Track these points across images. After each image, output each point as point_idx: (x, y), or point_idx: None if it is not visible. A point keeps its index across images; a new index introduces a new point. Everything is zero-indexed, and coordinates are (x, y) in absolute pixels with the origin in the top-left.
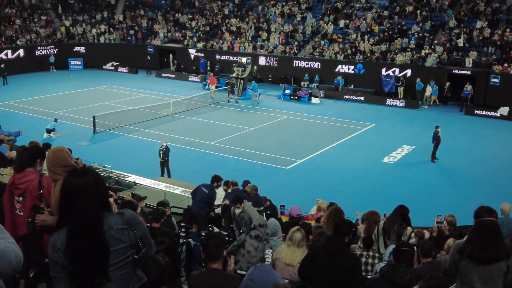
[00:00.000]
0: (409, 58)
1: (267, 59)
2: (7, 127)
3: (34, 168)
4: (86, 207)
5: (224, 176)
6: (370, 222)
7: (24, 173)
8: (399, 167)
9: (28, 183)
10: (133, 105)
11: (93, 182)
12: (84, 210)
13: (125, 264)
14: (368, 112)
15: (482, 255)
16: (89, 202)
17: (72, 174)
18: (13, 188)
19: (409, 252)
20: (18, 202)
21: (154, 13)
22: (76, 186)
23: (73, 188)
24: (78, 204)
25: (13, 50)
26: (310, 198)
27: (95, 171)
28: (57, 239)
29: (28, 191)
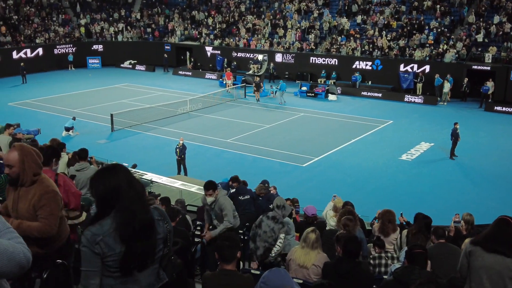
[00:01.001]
0: (427, 54)
1: (283, 56)
2: (26, 125)
3: (50, 167)
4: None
5: (241, 174)
6: (384, 220)
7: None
8: (417, 164)
9: None
10: (150, 103)
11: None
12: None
13: (157, 257)
14: (386, 109)
15: (494, 246)
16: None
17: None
18: None
19: (423, 254)
20: None
21: (171, 11)
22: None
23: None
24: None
25: (32, 48)
26: (327, 196)
27: (122, 166)
28: (96, 231)
29: None
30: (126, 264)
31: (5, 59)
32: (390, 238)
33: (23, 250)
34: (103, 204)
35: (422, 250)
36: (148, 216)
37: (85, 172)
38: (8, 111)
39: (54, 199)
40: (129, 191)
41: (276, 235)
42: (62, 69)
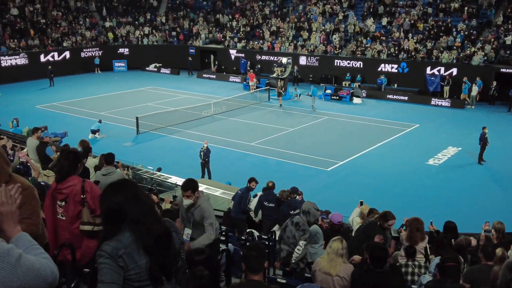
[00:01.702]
0: (455, 57)
1: (307, 59)
2: (53, 128)
3: (75, 173)
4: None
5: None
6: (412, 229)
7: (67, 179)
8: (444, 169)
9: (72, 188)
10: (175, 106)
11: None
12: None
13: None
14: (412, 112)
15: None
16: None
17: (110, 187)
18: (56, 193)
19: (455, 267)
20: (61, 207)
21: (195, 15)
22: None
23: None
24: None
25: (60, 52)
26: (351, 201)
27: (132, 181)
28: (116, 245)
29: (71, 195)
30: (156, 274)
31: (33, 62)
32: (418, 247)
33: (50, 266)
34: (107, 220)
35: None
36: (163, 227)
37: (111, 177)
38: (35, 114)
39: (32, 195)
40: (136, 205)
41: (296, 241)
42: (89, 72)
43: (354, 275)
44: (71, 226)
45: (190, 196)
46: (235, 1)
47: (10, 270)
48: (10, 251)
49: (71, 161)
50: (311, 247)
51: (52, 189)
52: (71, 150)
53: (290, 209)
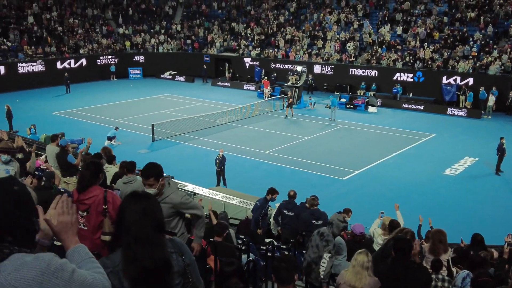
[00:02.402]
0: (471, 66)
1: (322, 67)
2: (70, 134)
3: (97, 184)
4: (141, 230)
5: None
6: (435, 241)
7: (89, 190)
8: (461, 180)
9: (94, 198)
10: (189, 113)
11: (150, 207)
12: (140, 233)
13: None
14: (428, 122)
15: None
16: (144, 225)
17: (131, 197)
18: (78, 203)
19: (489, 283)
20: (82, 217)
21: (210, 23)
22: (134, 209)
23: (130, 211)
24: (134, 226)
25: (76, 59)
26: (368, 211)
27: (154, 197)
28: (106, 262)
29: (93, 206)
30: None
31: (49, 69)
32: (441, 259)
33: (102, 281)
34: (115, 229)
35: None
36: (156, 261)
37: (132, 185)
38: (52, 120)
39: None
40: (139, 228)
41: (319, 253)
42: (105, 79)
43: (379, 269)
44: (93, 236)
45: (153, 185)
46: (250, 9)
47: (64, 286)
48: (63, 266)
49: (92, 171)
50: (335, 258)
51: (74, 200)
52: (92, 161)
53: (312, 218)
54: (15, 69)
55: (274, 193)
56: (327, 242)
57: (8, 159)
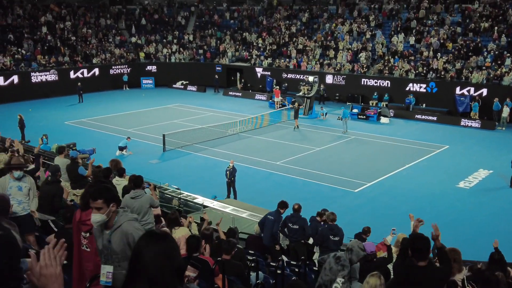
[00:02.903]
0: (485, 77)
1: (334, 77)
2: (81, 144)
3: None
4: (160, 273)
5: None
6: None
7: (90, 210)
8: (475, 192)
9: None
10: (201, 123)
11: (170, 249)
12: (158, 276)
13: None
14: (441, 133)
15: None
16: (164, 269)
17: (149, 237)
18: (80, 224)
19: None
20: (85, 238)
21: (222, 33)
22: (152, 251)
23: (148, 252)
24: (152, 269)
25: (89, 69)
26: (380, 224)
27: (172, 237)
28: None
29: None
30: None
31: (62, 79)
32: (455, 279)
33: None
34: (129, 268)
35: None
36: None
37: (139, 200)
38: (64, 130)
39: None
40: (158, 271)
41: (332, 276)
42: (117, 89)
43: (395, 269)
44: (96, 258)
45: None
46: (262, 19)
47: None
48: None
49: (96, 190)
50: (348, 284)
51: (76, 220)
52: (99, 180)
53: (331, 233)
54: (28, 78)
55: (286, 207)
56: (343, 267)
57: (21, 175)
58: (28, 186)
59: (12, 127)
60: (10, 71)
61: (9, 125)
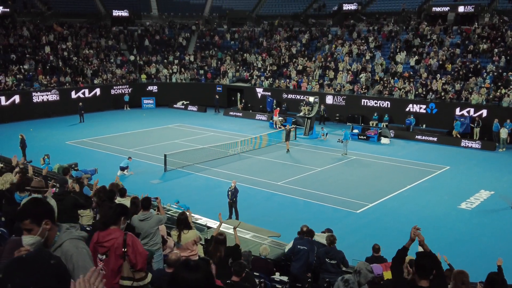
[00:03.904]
0: (484, 98)
1: (334, 98)
2: (83, 164)
3: (118, 226)
4: None
5: (293, 219)
6: (457, 282)
7: (109, 231)
8: (477, 214)
9: (113, 241)
10: (202, 143)
11: (204, 278)
12: None
13: None
14: (441, 154)
15: None
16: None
17: (183, 267)
18: (97, 246)
19: None
20: (101, 260)
21: (223, 54)
22: (187, 280)
23: (183, 282)
24: None
25: (90, 89)
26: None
27: (207, 266)
28: None
29: (112, 249)
30: None
31: (64, 99)
32: None
33: None
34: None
35: None
36: None
37: (148, 222)
38: (66, 150)
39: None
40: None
41: None
42: (118, 109)
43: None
44: (112, 280)
45: (31, 230)
46: (262, 41)
47: None
48: None
49: (116, 211)
50: None
51: (93, 242)
52: (120, 203)
53: (327, 256)
54: (29, 98)
55: (309, 232)
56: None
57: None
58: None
59: (13, 147)
60: (11, 91)
61: (10, 145)
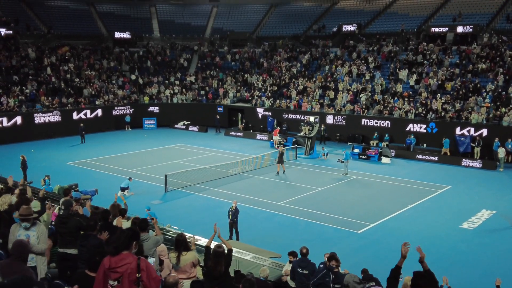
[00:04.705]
0: (484, 117)
1: (334, 118)
2: (83, 185)
3: (129, 250)
4: None
5: (294, 239)
6: None
7: (121, 256)
8: (479, 233)
9: (127, 266)
10: (203, 163)
11: None
12: None
13: None
14: (442, 173)
15: None
16: None
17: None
18: (109, 271)
19: None
20: (113, 286)
21: (224, 74)
22: None
23: None
24: None
25: (92, 110)
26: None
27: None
28: None
29: (125, 274)
30: None
31: (65, 120)
32: None
33: None
34: None
35: None
36: None
37: (146, 243)
38: (66, 171)
39: None
40: None
41: None
42: (119, 129)
43: None
44: None
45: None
46: (263, 61)
47: None
48: None
49: (128, 236)
50: None
51: (106, 267)
52: (131, 228)
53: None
54: (31, 119)
55: (332, 260)
56: None
57: (28, 226)
58: (36, 235)
59: (14, 167)
60: (13, 112)
61: (11, 165)
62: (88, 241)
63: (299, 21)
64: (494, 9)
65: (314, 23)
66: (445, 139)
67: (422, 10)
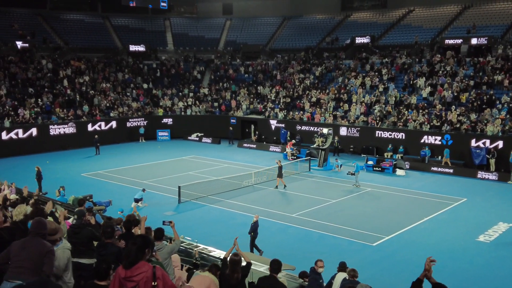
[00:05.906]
0: (500, 129)
1: (348, 130)
2: (98, 196)
3: (144, 259)
4: None
5: (308, 251)
6: None
7: (137, 265)
8: (496, 246)
9: (143, 275)
10: (216, 175)
11: None
12: None
13: None
14: (458, 186)
15: None
16: None
17: None
18: (125, 281)
19: None
20: None
21: (237, 86)
22: None
23: None
24: None
25: (106, 122)
26: (401, 280)
27: None
28: None
29: (141, 283)
30: None
31: (80, 131)
32: None
33: None
34: None
35: None
36: None
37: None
38: (81, 182)
39: None
40: None
41: None
42: (133, 141)
43: None
44: None
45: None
46: (276, 73)
47: None
48: None
49: (138, 246)
50: None
51: (120, 277)
52: (141, 235)
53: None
54: (46, 131)
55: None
56: None
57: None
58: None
59: (29, 179)
60: (29, 124)
61: (26, 177)
62: (106, 250)
63: (312, 34)
64: (508, 20)
65: (327, 35)
66: (446, 149)
67: (436, 22)
